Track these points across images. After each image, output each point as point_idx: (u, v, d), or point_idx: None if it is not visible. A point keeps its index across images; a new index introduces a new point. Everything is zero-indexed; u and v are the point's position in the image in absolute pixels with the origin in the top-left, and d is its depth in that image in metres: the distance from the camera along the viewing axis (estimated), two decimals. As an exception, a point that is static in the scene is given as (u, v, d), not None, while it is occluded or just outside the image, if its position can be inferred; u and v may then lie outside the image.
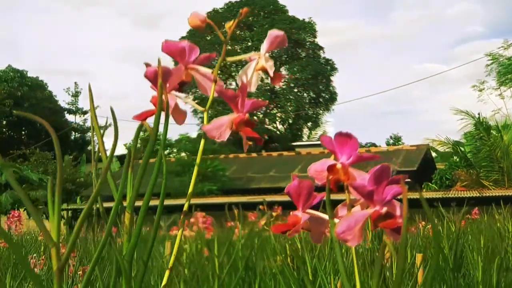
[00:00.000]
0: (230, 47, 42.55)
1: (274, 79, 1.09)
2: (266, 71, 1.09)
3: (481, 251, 2.12)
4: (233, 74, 41.17)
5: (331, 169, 0.94)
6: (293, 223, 0.96)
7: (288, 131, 41.72)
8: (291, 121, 41.68)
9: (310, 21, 42.61)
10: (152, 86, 1.03)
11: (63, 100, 45.18)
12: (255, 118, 39.13)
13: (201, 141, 1.04)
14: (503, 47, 27.57)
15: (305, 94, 41.94)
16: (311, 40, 42.36)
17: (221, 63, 1.09)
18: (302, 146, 33.86)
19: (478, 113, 23.02)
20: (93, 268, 0.87)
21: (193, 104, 1.05)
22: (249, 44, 41.50)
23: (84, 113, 46.29)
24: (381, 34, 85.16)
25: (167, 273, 0.97)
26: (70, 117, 46.70)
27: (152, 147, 0.91)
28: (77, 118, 46.44)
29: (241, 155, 29.87)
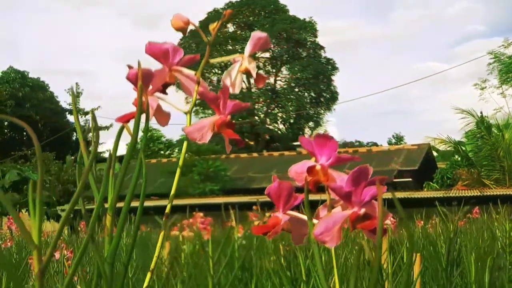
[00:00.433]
0: (231, 47, 42.68)
1: (258, 81, 1.10)
2: (250, 73, 1.09)
3: (475, 251, 2.12)
4: (234, 74, 41.13)
5: (311, 171, 0.94)
6: (274, 225, 0.96)
7: (289, 131, 41.71)
8: (292, 121, 41.68)
9: (311, 21, 42.60)
10: (135, 88, 1.03)
11: (65, 101, 45.12)
12: (256, 118, 39.15)
13: (184, 144, 1.04)
14: (504, 46, 27.55)
15: (306, 94, 41.93)
16: (312, 40, 42.34)
17: (205, 65, 1.08)
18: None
19: (481, 112, 23.03)
20: (74, 272, 0.87)
21: (175, 106, 1.05)
22: (250, 44, 41.47)
23: (86, 114, 46.26)
24: (382, 34, 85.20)
25: (149, 275, 0.97)
26: (72, 118, 46.68)
27: (132, 149, 0.91)
28: (79, 119, 46.47)
29: (242, 155, 29.89)
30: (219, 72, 40.62)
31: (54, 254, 4.44)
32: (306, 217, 0.94)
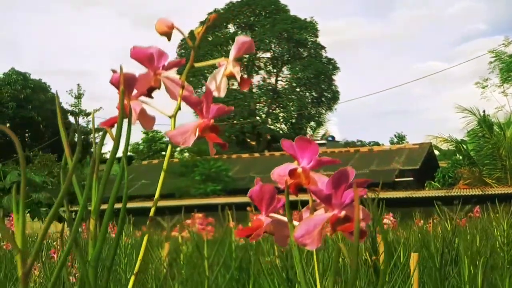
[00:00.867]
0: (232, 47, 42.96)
1: (242, 84, 1.10)
2: (234, 77, 1.10)
3: (468, 251, 2.13)
4: (234, 75, 41.16)
5: (292, 174, 0.95)
6: (256, 227, 0.96)
7: (291, 131, 41.71)
8: (294, 121, 41.68)
9: (312, 21, 42.61)
10: (119, 92, 1.03)
11: (66, 102, 45.09)
12: (257, 118, 39.17)
13: (168, 147, 1.05)
14: (504, 45, 27.52)
15: (308, 94, 41.94)
16: (313, 40, 42.35)
17: (189, 69, 1.09)
18: (305, 146, 33.86)
19: (483, 111, 23.01)
20: (57, 276, 0.88)
21: (159, 110, 1.06)
22: (251, 44, 41.48)
23: (87, 115, 46.27)
24: (383, 33, 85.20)
25: (133, 279, 0.98)
26: (73, 119, 46.70)
27: (115, 153, 0.92)
28: (80, 120, 46.45)
29: (244, 155, 29.92)
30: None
31: (53, 256, 4.45)
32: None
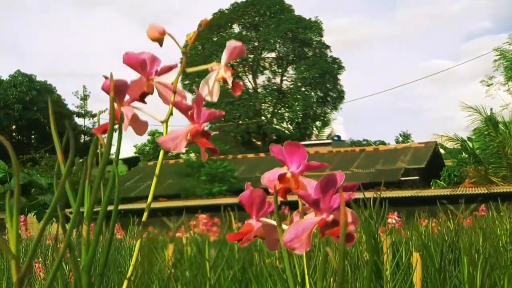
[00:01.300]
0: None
1: (234, 89, 1.11)
2: (226, 81, 1.10)
3: (468, 251, 2.13)
4: (240, 75, 41.20)
5: (282, 178, 0.96)
6: (247, 231, 0.97)
7: (297, 131, 41.71)
8: (299, 121, 41.67)
9: (317, 20, 42.60)
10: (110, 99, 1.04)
11: (72, 104, 45.27)
12: (262, 118, 39.17)
13: (161, 153, 1.06)
14: (508, 43, 27.47)
15: (313, 93, 41.92)
16: (318, 39, 42.34)
17: (181, 73, 1.10)
18: (310, 146, 33.86)
19: (491, 109, 22.97)
20: (51, 282, 0.89)
21: (152, 116, 1.07)
22: (256, 44, 41.53)
23: (93, 116, 46.32)
24: (388, 32, 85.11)
25: (126, 283, 0.99)
26: (80, 120, 46.83)
27: (106, 159, 0.93)
28: (86, 121, 46.55)
29: (249, 155, 29.91)
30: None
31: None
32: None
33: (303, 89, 41.45)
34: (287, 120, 42.02)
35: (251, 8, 42.39)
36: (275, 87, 41.78)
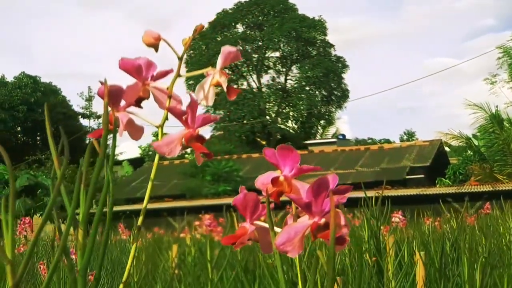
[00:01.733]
0: (241, 47, 42.70)
1: (229, 93, 1.12)
2: (221, 86, 1.11)
3: (467, 250, 2.14)
4: (244, 74, 41.19)
5: (275, 181, 0.97)
6: (241, 235, 0.98)
7: (301, 130, 41.71)
8: (304, 120, 41.65)
9: (320, 19, 42.57)
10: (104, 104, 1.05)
11: (77, 105, 45.31)
12: (267, 118, 39.15)
13: (156, 157, 1.07)
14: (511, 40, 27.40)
15: (317, 92, 41.90)
16: (322, 38, 42.31)
17: (176, 78, 1.11)
18: (315, 145, 33.86)
19: (496, 106, 22.91)
20: (47, 285, 0.90)
21: (147, 120, 1.08)
22: (260, 44, 41.53)
23: (98, 117, 46.36)
24: (392, 30, 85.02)
25: (121, 287, 1.00)
26: (85, 121, 46.88)
27: (101, 164, 0.94)
28: (92, 122, 46.61)
29: (254, 155, 29.91)
30: (229, 73, 40.59)
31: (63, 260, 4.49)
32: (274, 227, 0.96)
33: (308, 88, 41.42)
34: (292, 119, 42.01)
35: (255, 8, 42.39)
36: (280, 87, 41.78)
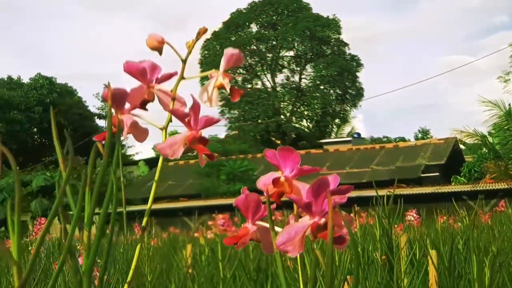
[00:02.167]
0: (255, 47, 42.71)
1: (232, 95, 1.13)
2: (224, 88, 1.13)
3: (476, 248, 2.14)
4: (259, 74, 41.19)
5: (276, 182, 0.98)
6: (243, 235, 1.00)
7: (316, 129, 41.68)
8: (318, 119, 41.61)
9: (334, 18, 42.51)
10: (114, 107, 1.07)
11: (93, 105, 45.52)
12: (282, 117, 39.14)
13: (160, 159, 1.08)
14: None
15: (332, 91, 41.85)
16: (336, 37, 42.24)
17: (180, 81, 1.13)
18: (330, 143, 33.81)
19: (509, 104, 22.77)
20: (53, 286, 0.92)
21: (151, 122, 1.10)
22: (274, 43, 41.52)
23: (114, 118, 46.33)
24: (406, 28, 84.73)
25: (126, 287, 1.02)
26: (101, 122, 47.08)
27: (105, 167, 0.96)
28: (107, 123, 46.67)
29: (269, 154, 29.86)
30: (244, 72, 40.63)
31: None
32: (275, 227, 0.98)
33: (322, 87, 41.38)
34: (306, 118, 41.98)
35: (269, 7, 42.39)
36: (294, 86, 41.76)
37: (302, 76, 42.39)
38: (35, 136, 44.00)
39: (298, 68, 42.41)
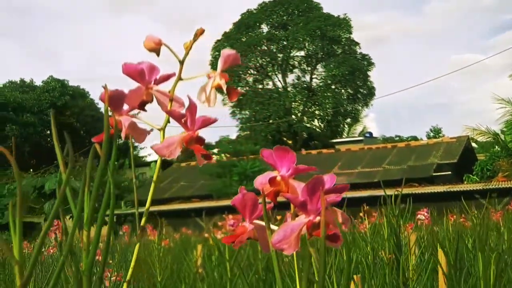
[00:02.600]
0: (266, 48, 42.58)
1: (230, 95, 1.14)
2: (221, 88, 1.13)
3: (481, 247, 2.14)
4: (270, 74, 41.18)
5: (272, 181, 0.99)
6: (240, 234, 1.01)
7: (327, 128, 41.62)
8: (330, 118, 41.53)
9: (345, 17, 42.43)
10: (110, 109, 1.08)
11: (105, 108, 45.45)
12: (293, 117, 39.11)
13: (158, 160, 1.09)
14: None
15: (343, 91, 41.75)
16: (347, 36, 42.16)
17: (177, 82, 1.13)
18: (342, 143, 33.77)
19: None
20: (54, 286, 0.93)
21: (149, 123, 1.10)
22: (285, 43, 41.49)
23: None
24: (417, 26, 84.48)
25: (125, 286, 1.03)
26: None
27: (103, 168, 0.97)
28: (119, 125, 46.84)
29: (280, 155, 29.84)
30: (255, 73, 40.64)
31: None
32: (272, 226, 0.99)
33: (333, 87, 41.30)
34: (318, 118, 41.92)
35: (279, 7, 42.37)
36: (305, 86, 41.69)
37: (313, 76, 42.34)
38: (48, 139, 44.17)
39: (309, 68, 42.35)
